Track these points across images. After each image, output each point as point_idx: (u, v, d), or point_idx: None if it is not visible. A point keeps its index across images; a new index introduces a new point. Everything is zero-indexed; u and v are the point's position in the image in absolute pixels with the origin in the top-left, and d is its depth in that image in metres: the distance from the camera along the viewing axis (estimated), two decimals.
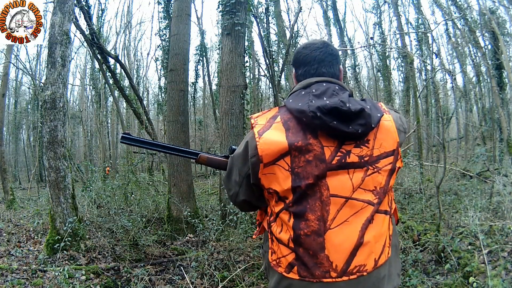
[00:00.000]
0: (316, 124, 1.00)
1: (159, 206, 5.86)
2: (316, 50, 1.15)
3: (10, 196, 7.81)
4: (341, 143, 1.03)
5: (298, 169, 1.02)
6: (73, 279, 3.08)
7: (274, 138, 1.03)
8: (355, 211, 1.04)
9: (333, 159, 1.02)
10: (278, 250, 1.09)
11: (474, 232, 3.17)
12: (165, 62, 9.70)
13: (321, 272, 1.02)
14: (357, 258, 1.03)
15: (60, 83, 3.90)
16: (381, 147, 1.06)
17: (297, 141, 1.01)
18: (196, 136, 15.55)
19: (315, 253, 1.02)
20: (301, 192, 1.02)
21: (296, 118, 1.04)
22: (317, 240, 1.02)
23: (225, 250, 3.79)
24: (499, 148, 8.35)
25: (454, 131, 16.84)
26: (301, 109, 1.02)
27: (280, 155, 1.02)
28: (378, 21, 14.13)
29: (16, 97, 19.19)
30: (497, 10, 9.54)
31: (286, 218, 1.06)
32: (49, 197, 3.94)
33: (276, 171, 1.04)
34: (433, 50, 11.21)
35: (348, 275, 1.02)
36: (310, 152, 1.01)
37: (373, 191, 1.05)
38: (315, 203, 1.02)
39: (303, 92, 1.09)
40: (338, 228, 1.03)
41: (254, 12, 7.69)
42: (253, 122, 1.09)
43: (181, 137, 5.32)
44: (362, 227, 1.04)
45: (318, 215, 1.02)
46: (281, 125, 1.05)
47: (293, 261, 1.06)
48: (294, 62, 1.21)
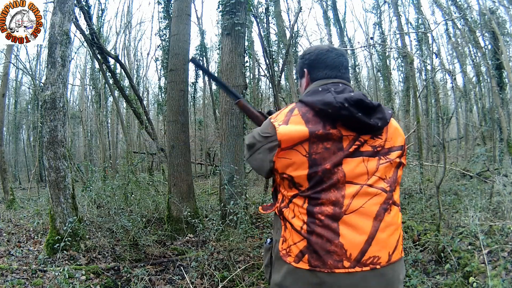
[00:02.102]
0: (342, 114, 1.03)
1: (159, 206, 5.85)
2: (341, 56, 1.22)
3: (10, 196, 7.80)
4: (359, 134, 1.07)
5: (316, 155, 1.03)
6: (73, 279, 3.08)
7: (295, 126, 1.05)
8: (369, 197, 1.05)
9: (350, 148, 1.06)
10: (290, 237, 1.07)
11: (474, 232, 3.17)
12: (165, 62, 9.70)
13: (334, 261, 1.00)
14: (372, 248, 1.02)
15: (60, 83, 3.90)
16: (391, 140, 1.13)
17: (317, 130, 1.04)
18: (196, 136, 15.54)
19: (329, 240, 1.01)
20: (318, 177, 1.03)
21: (314, 111, 1.07)
22: (331, 225, 1.01)
23: (225, 250, 3.79)
24: (499, 148, 8.35)
25: (454, 131, 16.84)
26: (326, 101, 1.05)
27: (299, 141, 1.04)
28: (378, 21, 14.13)
29: (16, 97, 19.17)
30: (497, 10, 9.53)
31: (300, 202, 1.06)
32: (49, 197, 3.94)
33: (292, 156, 1.05)
34: (433, 50, 11.22)
35: (361, 266, 1.01)
36: (329, 140, 1.05)
37: (385, 180, 1.09)
38: (330, 189, 1.03)
39: (320, 89, 1.13)
40: (353, 214, 1.03)
41: (254, 12, 7.69)
42: (273, 121, 1.11)
43: (181, 137, 5.32)
44: (377, 215, 1.05)
45: (333, 200, 1.03)
46: (299, 117, 1.07)
47: (304, 249, 1.03)
48: (315, 63, 1.22)
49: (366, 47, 10.08)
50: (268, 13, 9.72)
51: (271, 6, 10.35)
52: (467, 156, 10.52)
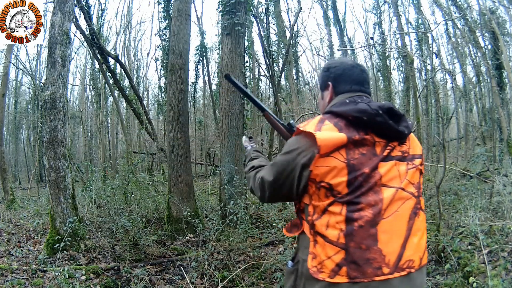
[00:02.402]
0: (377, 121, 1.06)
1: (159, 206, 5.85)
2: (364, 72, 1.27)
3: (10, 196, 7.80)
4: (388, 141, 1.10)
5: (354, 161, 1.04)
6: (73, 279, 3.08)
7: (332, 133, 1.06)
8: (403, 202, 1.07)
9: (383, 152, 1.09)
10: (323, 252, 1.05)
11: (474, 232, 3.17)
12: (165, 62, 9.71)
13: (373, 269, 0.99)
14: (407, 252, 1.03)
15: (60, 83, 3.90)
16: (413, 148, 1.17)
17: (354, 136, 1.05)
18: (196, 136, 15.53)
19: (368, 247, 1.00)
20: (357, 183, 1.04)
21: (346, 120, 1.09)
22: (370, 231, 1.01)
23: (225, 250, 3.79)
24: (499, 148, 8.36)
25: (454, 131, 16.84)
26: (361, 108, 1.07)
27: (337, 147, 1.04)
28: (378, 21, 14.13)
29: (16, 97, 19.17)
30: (497, 10, 9.53)
31: (338, 209, 1.04)
32: (49, 197, 3.94)
33: (330, 163, 1.04)
34: (433, 50, 11.22)
35: (399, 271, 1.01)
36: (364, 146, 1.07)
37: (413, 185, 1.12)
38: (368, 193, 1.04)
39: (347, 101, 1.16)
40: (391, 218, 1.03)
41: (254, 12, 7.69)
42: (302, 128, 1.11)
43: (181, 137, 5.32)
44: (409, 219, 1.07)
45: (371, 204, 1.03)
46: (331, 126, 1.08)
47: (342, 261, 1.01)
48: (341, 77, 1.24)
49: (366, 47, 10.09)
50: (268, 13, 9.72)
51: (271, 6, 10.36)
52: (467, 156, 10.52)
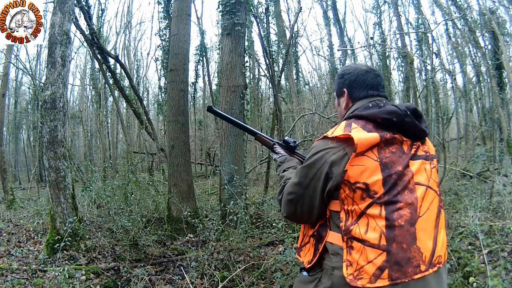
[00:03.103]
0: (406, 121, 1.09)
1: (159, 206, 5.85)
2: (378, 76, 1.28)
3: (10, 196, 7.80)
4: (413, 141, 1.14)
5: (385, 159, 1.06)
6: (73, 279, 3.08)
7: (365, 133, 1.08)
8: (432, 199, 1.10)
9: (410, 151, 1.12)
10: (361, 257, 1.02)
11: (474, 232, 3.17)
12: (165, 62, 9.71)
13: (413, 267, 1.00)
14: (437, 248, 1.06)
15: (60, 83, 3.90)
16: (431, 149, 1.21)
17: (385, 134, 1.08)
18: (196, 136, 15.52)
19: (409, 246, 1.00)
20: (392, 181, 1.04)
21: (375, 122, 1.11)
22: (410, 230, 1.01)
23: (225, 250, 3.79)
24: (499, 148, 8.35)
25: (454, 131, 16.83)
26: (390, 109, 1.10)
27: (371, 146, 1.06)
28: (378, 21, 14.13)
29: (16, 97, 19.16)
30: (497, 10, 9.54)
31: (377, 211, 1.03)
32: (49, 197, 3.94)
33: (365, 162, 1.05)
34: (433, 50, 11.20)
35: (432, 267, 1.03)
36: (394, 144, 1.09)
37: (436, 183, 1.16)
38: (404, 191, 1.04)
39: (370, 105, 1.19)
40: (425, 215, 1.05)
41: (254, 12, 7.70)
42: (331, 135, 1.12)
43: (181, 137, 5.32)
44: (437, 216, 1.10)
45: (409, 203, 1.03)
46: (360, 128, 1.10)
47: (384, 264, 0.99)
48: (355, 83, 1.26)
49: (366, 47, 10.09)
50: (268, 13, 9.73)
51: (271, 6, 10.37)
52: (467, 156, 10.51)
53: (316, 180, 1.11)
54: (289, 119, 12.20)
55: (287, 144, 1.46)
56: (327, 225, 1.15)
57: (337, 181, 1.07)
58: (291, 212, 1.21)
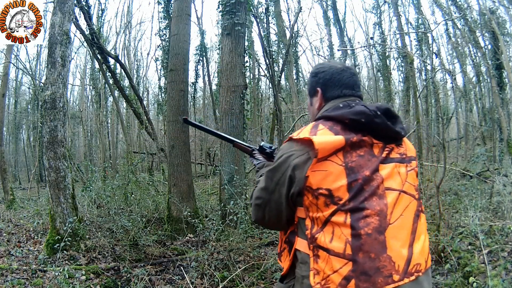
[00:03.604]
0: (375, 122, 1.03)
1: (159, 206, 5.86)
2: (354, 75, 1.23)
3: (10, 196, 7.80)
4: (385, 143, 1.08)
5: (352, 163, 1.00)
6: (73, 279, 3.08)
7: (329, 136, 1.02)
8: (406, 204, 1.04)
9: (382, 154, 1.05)
10: (327, 266, 0.98)
11: (474, 232, 3.17)
12: (165, 62, 9.70)
13: (384, 277, 0.94)
14: (414, 256, 1.00)
15: (60, 83, 3.90)
16: (409, 151, 1.15)
17: (352, 137, 1.02)
18: (196, 136, 15.52)
19: (377, 255, 0.95)
20: (358, 186, 0.99)
21: (343, 123, 1.05)
22: (378, 238, 0.96)
23: (225, 250, 3.79)
24: (499, 148, 8.36)
25: (454, 131, 16.84)
26: (359, 110, 1.05)
27: (335, 150, 1.00)
28: (378, 21, 14.12)
29: (16, 97, 19.15)
30: (497, 10, 9.54)
31: (342, 219, 0.97)
32: (49, 197, 3.94)
33: (328, 167, 0.99)
34: (433, 50, 11.21)
35: (408, 276, 0.97)
36: (362, 148, 1.03)
37: (414, 187, 1.10)
38: (372, 198, 0.99)
39: (341, 105, 1.13)
40: (397, 222, 0.99)
41: (254, 12, 7.70)
42: (297, 137, 1.07)
43: (181, 137, 5.32)
44: (413, 223, 1.04)
45: (377, 209, 0.98)
46: (327, 130, 1.05)
47: (350, 274, 0.95)
48: (330, 82, 1.20)
49: (366, 47, 10.07)
50: (268, 13, 9.73)
51: (271, 6, 10.37)
52: (467, 156, 10.51)
53: (281, 185, 1.08)
54: (289, 119, 12.20)
55: (263, 150, 1.44)
56: (296, 231, 1.11)
57: (299, 186, 1.03)
58: (260, 217, 1.18)
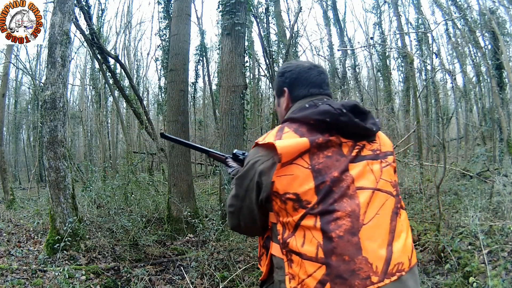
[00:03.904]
0: (341, 121, 1.00)
1: (159, 206, 5.86)
2: (322, 74, 1.19)
3: (10, 196, 7.80)
4: (356, 141, 1.04)
5: (319, 165, 0.97)
6: (73, 279, 3.08)
7: (293, 139, 0.99)
8: (382, 203, 1.00)
9: (351, 153, 1.02)
10: (301, 270, 0.95)
11: (474, 232, 3.17)
12: (165, 62, 9.71)
13: (361, 280, 0.90)
14: (394, 256, 0.95)
15: (60, 83, 3.90)
16: (384, 146, 1.11)
17: (317, 138, 0.99)
18: (196, 136, 15.53)
19: (352, 257, 0.91)
20: (326, 188, 0.95)
21: (308, 125, 1.02)
22: (351, 240, 0.92)
23: (225, 250, 3.79)
24: (499, 148, 8.36)
25: (454, 131, 16.83)
26: (324, 109, 1.01)
27: (299, 153, 0.97)
28: (378, 21, 14.13)
29: (16, 97, 19.14)
30: (497, 10, 9.54)
31: (311, 223, 0.94)
32: (49, 197, 3.94)
33: (294, 171, 0.97)
34: (433, 50, 11.22)
35: (389, 277, 0.93)
36: (329, 148, 1.00)
37: (391, 183, 1.05)
38: (342, 199, 0.95)
39: (307, 105, 1.09)
40: (372, 222, 0.95)
41: (254, 12, 7.70)
42: (262, 142, 1.04)
43: (181, 137, 5.30)
44: (391, 221, 1.00)
45: (348, 210, 0.94)
46: (292, 133, 1.02)
47: (324, 277, 0.91)
48: (296, 81, 1.17)
49: (366, 47, 10.07)
50: (268, 13, 9.72)
51: (271, 6, 10.36)
52: (467, 156, 10.51)
53: (250, 191, 1.05)
54: None
55: (236, 157, 1.44)
56: (271, 236, 1.09)
57: (267, 192, 1.00)
58: (235, 224, 1.16)
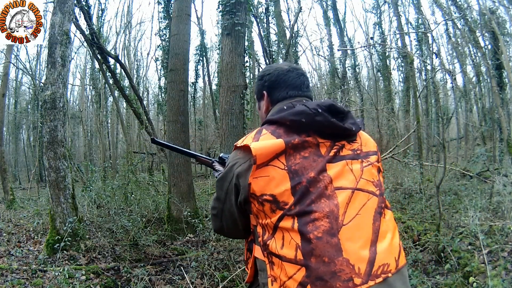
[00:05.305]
0: (317, 121, 0.98)
1: (159, 206, 5.86)
2: (302, 76, 1.18)
3: (10, 196, 7.80)
4: (334, 141, 1.03)
5: (295, 166, 0.96)
6: (73, 279, 3.08)
7: (268, 141, 0.98)
8: (363, 202, 0.98)
9: (329, 153, 1.00)
10: (281, 272, 0.93)
11: (474, 232, 3.17)
12: (165, 62, 9.70)
13: (343, 282, 0.88)
14: (379, 257, 0.92)
15: (60, 83, 3.91)
16: (366, 145, 1.09)
17: (293, 139, 0.98)
18: (196, 136, 15.54)
19: (332, 259, 0.89)
20: (303, 189, 0.94)
21: (285, 126, 1.01)
22: (331, 241, 0.90)
23: (225, 250, 3.80)
24: (499, 148, 8.36)
25: (454, 131, 16.84)
26: (299, 110, 1.00)
27: (275, 154, 0.96)
28: (378, 21, 14.14)
29: (16, 97, 19.14)
30: (497, 10, 9.53)
31: (289, 224, 0.93)
32: (49, 197, 3.94)
33: (270, 173, 0.96)
34: (433, 50, 11.22)
35: (374, 279, 0.90)
36: (306, 149, 0.99)
37: (373, 183, 1.03)
38: (320, 199, 0.93)
39: (285, 107, 1.08)
40: (352, 223, 0.93)
41: (254, 12, 7.70)
42: (240, 144, 1.04)
43: (181, 137, 5.32)
44: (375, 221, 0.97)
45: (326, 211, 0.92)
46: (269, 135, 1.01)
47: (304, 279, 0.89)
48: (275, 84, 1.17)
49: (366, 47, 10.07)
50: (268, 13, 9.73)
51: (271, 6, 10.36)
52: (467, 156, 10.52)
53: (230, 194, 1.06)
54: None
55: (223, 160, 1.44)
56: (253, 239, 1.08)
57: (244, 194, 1.00)
58: (218, 227, 1.16)
